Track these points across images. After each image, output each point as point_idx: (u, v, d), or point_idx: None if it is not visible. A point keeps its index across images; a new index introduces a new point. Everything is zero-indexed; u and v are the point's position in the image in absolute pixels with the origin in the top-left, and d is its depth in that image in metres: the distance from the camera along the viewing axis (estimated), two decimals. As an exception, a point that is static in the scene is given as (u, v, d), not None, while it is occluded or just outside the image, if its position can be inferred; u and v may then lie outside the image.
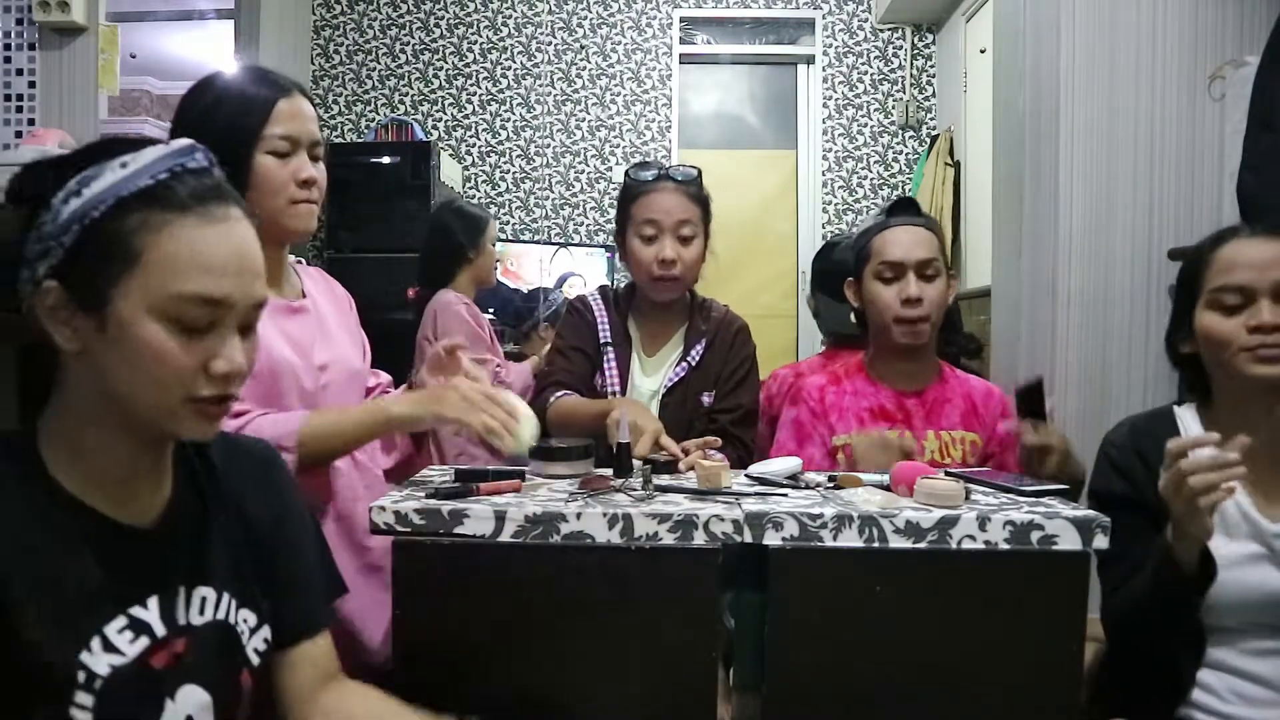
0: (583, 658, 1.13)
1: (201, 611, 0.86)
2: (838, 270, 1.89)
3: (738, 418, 1.75)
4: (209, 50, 3.83)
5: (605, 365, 1.75)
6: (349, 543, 1.37)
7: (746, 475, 1.34)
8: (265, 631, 0.92)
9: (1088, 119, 1.97)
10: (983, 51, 3.84)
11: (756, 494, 1.20)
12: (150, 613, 0.82)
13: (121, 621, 0.79)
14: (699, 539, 1.12)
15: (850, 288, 1.73)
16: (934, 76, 4.61)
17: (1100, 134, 1.97)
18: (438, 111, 4.64)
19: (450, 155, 4.50)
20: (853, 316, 1.78)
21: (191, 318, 0.78)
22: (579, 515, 1.12)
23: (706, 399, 1.75)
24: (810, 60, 4.74)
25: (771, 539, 1.11)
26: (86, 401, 0.81)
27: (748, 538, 1.11)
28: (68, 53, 2.77)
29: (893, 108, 4.64)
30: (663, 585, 1.12)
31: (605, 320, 1.80)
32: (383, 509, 1.13)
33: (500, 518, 1.12)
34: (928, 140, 4.53)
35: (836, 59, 4.66)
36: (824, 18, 4.66)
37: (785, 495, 1.21)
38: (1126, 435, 1.37)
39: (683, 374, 1.75)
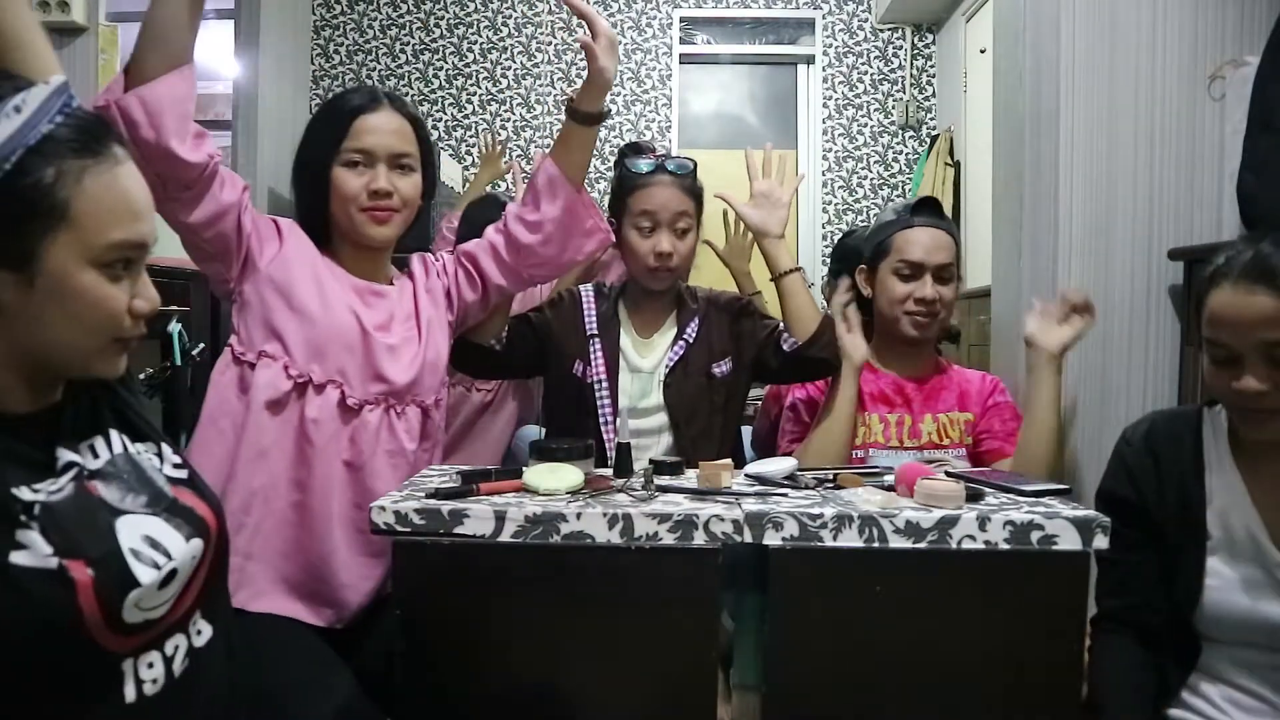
0: (583, 658, 1.13)
1: (96, 456, 0.87)
2: (857, 258, 1.92)
3: (780, 334, 1.75)
4: (209, 50, 3.83)
5: (591, 355, 1.74)
6: (353, 493, 1.39)
7: (746, 475, 1.35)
8: (174, 458, 0.95)
9: (1088, 119, 1.97)
10: (983, 51, 3.84)
11: (756, 494, 1.21)
12: (77, 455, 0.85)
13: (50, 478, 0.81)
14: (699, 539, 1.12)
15: (862, 274, 1.80)
16: (934, 76, 4.61)
17: (1100, 134, 1.97)
18: (438, 111, 4.64)
19: (450, 155, 4.50)
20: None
21: (121, 262, 0.82)
22: (579, 515, 1.12)
23: (719, 369, 1.75)
24: (810, 60, 4.74)
25: (771, 539, 1.11)
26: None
27: (748, 538, 1.11)
28: (68, 53, 2.77)
29: (893, 108, 4.64)
30: (663, 585, 1.12)
31: (593, 312, 1.79)
32: (383, 509, 1.13)
33: (500, 518, 1.12)
34: (928, 140, 4.53)
35: (836, 59, 4.66)
36: (824, 18, 4.66)
37: (785, 495, 1.21)
38: (1144, 435, 1.32)
39: (681, 352, 1.76)
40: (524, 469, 1.26)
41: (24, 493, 0.78)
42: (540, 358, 1.77)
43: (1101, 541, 1.11)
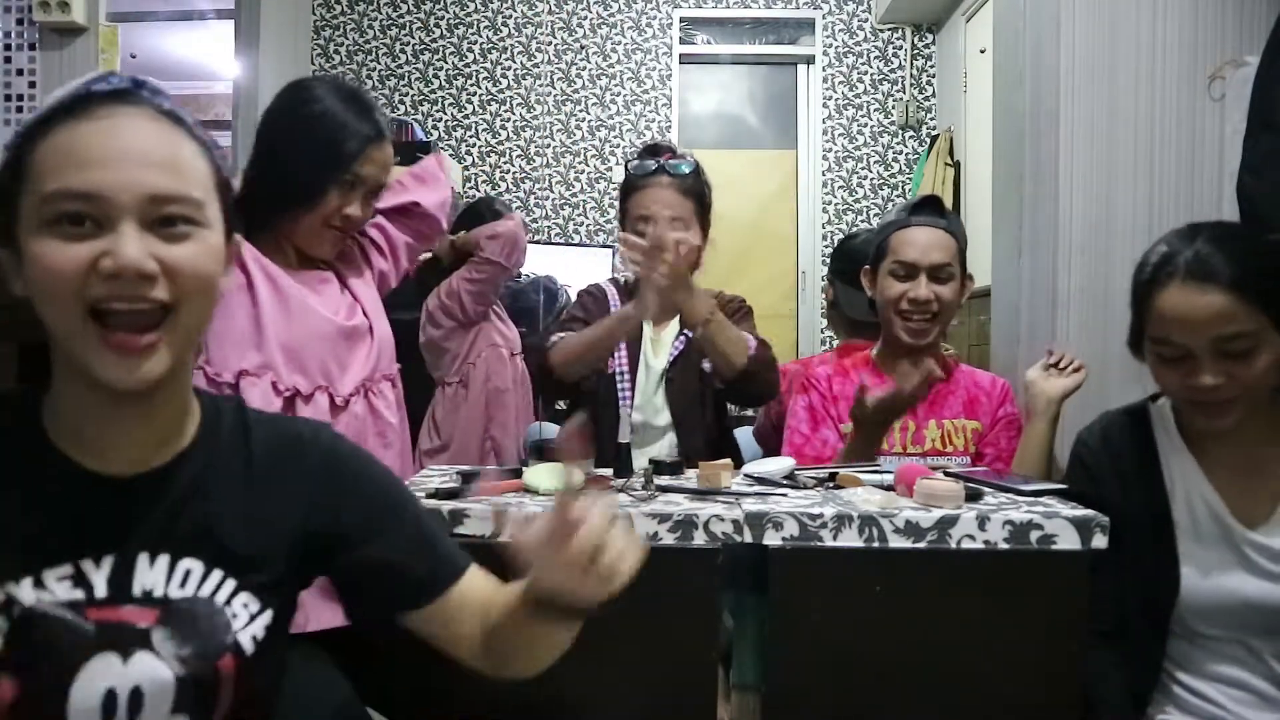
0: (582, 657, 1.13)
1: (183, 585, 0.78)
2: (857, 260, 1.92)
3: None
4: (209, 50, 3.83)
5: (615, 349, 1.77)
6: None
7: (745, 475, 1.35)
8: (268, 618, 0.82)
9: (1088, 119, 1.97)
10: (983, 51, 3.84)
11: (756, 494, 1.21)
12: (99, 572, 0.75)
13: (66, 570, 0.74)
14: (699, 539, 1.12)
15: (866, 275, 1.78)
16: (934, 76, 4.61)
17: (1100, 134, 1.97)
18: (438, 111, 4.64)
19: (450, 155, 4.50)
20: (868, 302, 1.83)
21: (69, 218, 0.71)
22: (579, 515, 1.12)
23: (708, 365, 1.76)
24: (810, 60, 4.74)
25: (771, 539, 1.11)
26: (55, 351, 0.77)
27: (748, 538, 1.11)
28: (68, 53, 2.77)
29: (893, 108, 4.64)
30: (663, 585, 1.12)
31: (616, 304, 1.82)
32: (383, 509, 1.13)
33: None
34: (928, 140, 4.53)
35: (836, 59, 4.66)
36: (824, 18, 4.66)
37: (785, 495, 1.21)
38: (1099, 434, 1.35)
39: (682, 347, 1.79)
40: (524, 469, 1.26)
41: (23, 590, 0.72)
42: None
43: (1101, 541, 1.11)
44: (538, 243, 4.39)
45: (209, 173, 0.79)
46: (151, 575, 0.77)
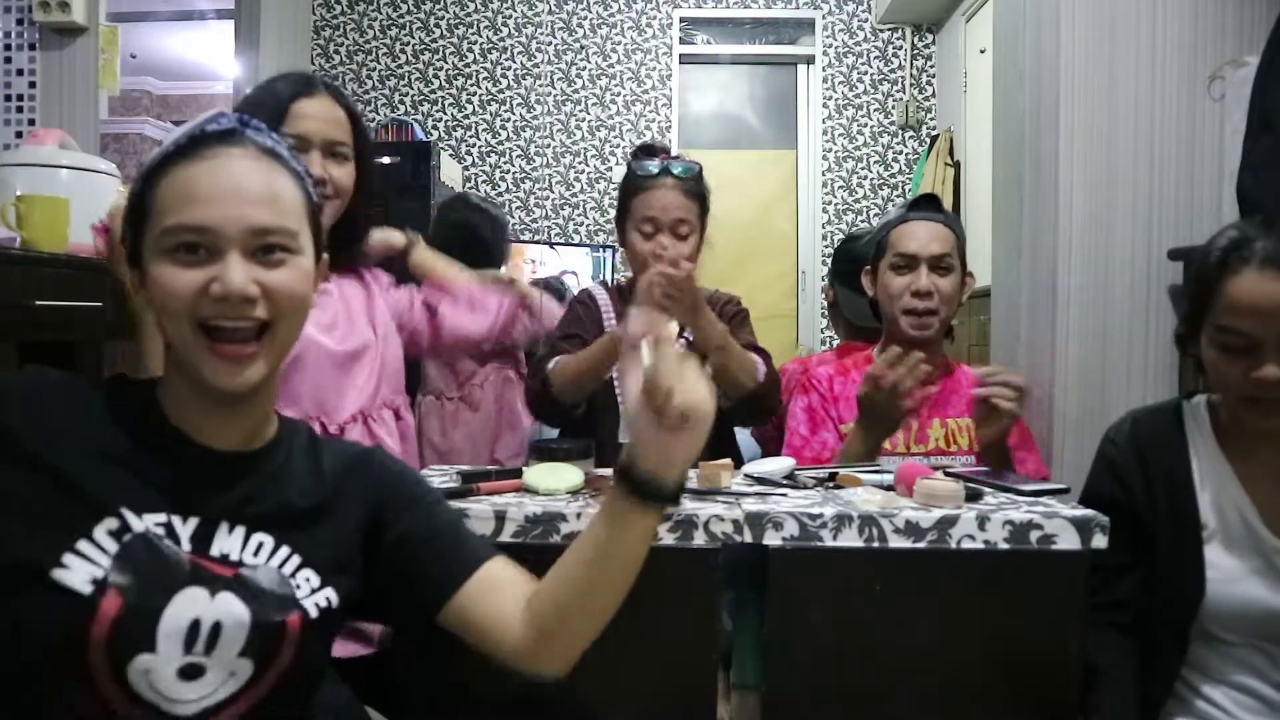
0: (582, 658, 1.13)
1: (256, 554, 0.88)
2: (857, 262, 1.91)
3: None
4: (209, 50, 3.83)
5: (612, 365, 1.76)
6: None
7: (745, 475, 1.34)
8: (329, 594, 0.90)
9: (1088, 119, 1.97)
10: (983, 51, 3.84)
11: (756, 494, 1.20)
12: (184, 528, 0.85)
13: (160, 518, 0.84)
14: (699, 539, 1.12)
15: (866, 276, 1.78)
16: (934, 76, 4.61)
17: (1100, 134, 1.97)
18: (438, 111, 4.64)
19: (450, 155, 4.50)
20: (869, 305, 1.82)
21: (186, 248, 0.84)
22: (579, 515, 1.12)
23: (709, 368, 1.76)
24: (810, 60, 4.74)
25: (771, 539, 1.11)
26: (169, 353, 0.89)
27: (748, 538, 1.11)
28: (68, 53, 2.77)
29: (893, 108, 4.65)
30: (663, 585, 1.12)
31: (611, 311, 1.81)
32: (383, 509, 1.13)
33: (500, 518, 1.12)
34: (928, 140, 4.53)
35: (836, 59, 4.66)
36: (824, 18, 4.66)
37: (785, 495, 1.21)
38: (1128, 434, 1.31)
39: (681, 349, 1.77)
40: (524, 469, 1.26)
41: (132, 519, 0.82)
42: None
43: (1100, 541, 1.11)
44: (538, 243, 4.39)
45: (302, 201, 0.91)
46: (229, 541, 0.87)
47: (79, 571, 0.77)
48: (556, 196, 4.66)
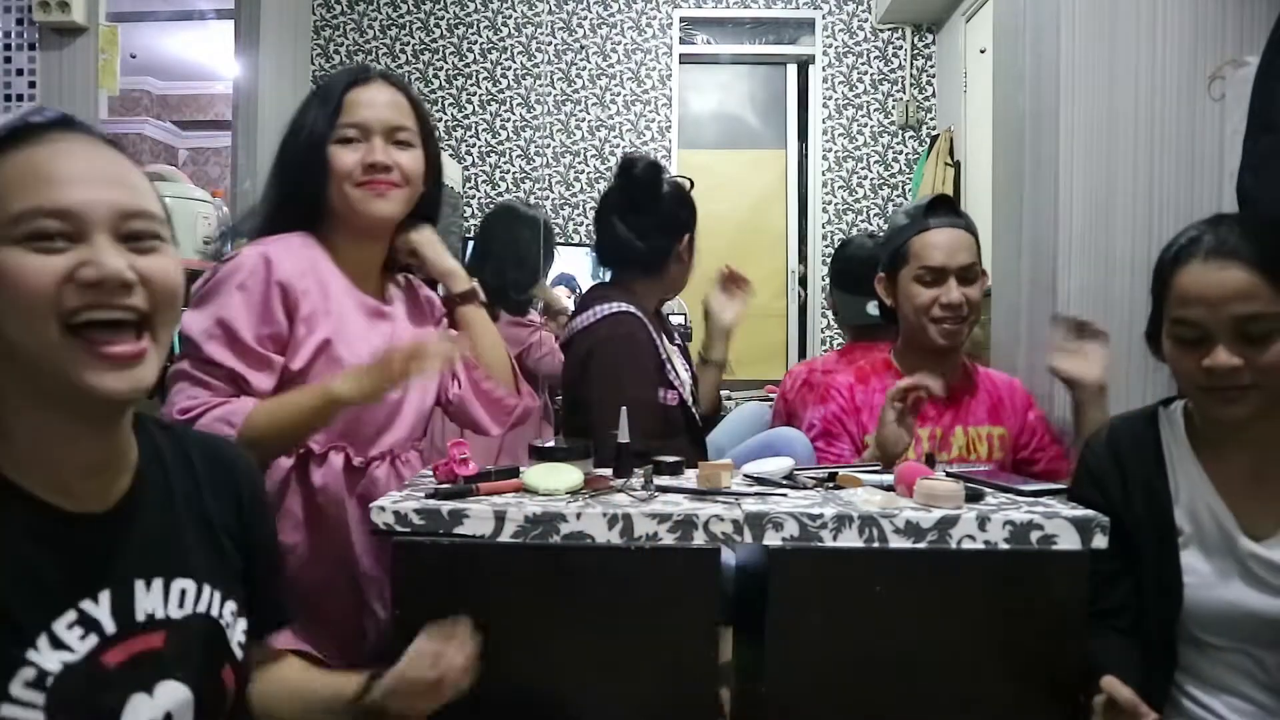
0: (583, 658, 1.13)
1: (181, 604, 0.82)
2: (854, 266, 1.90)
3: None
4: (209, 50, 3.84)
5: (673, 379, 1.83)
6: (377, 552, 1.33)
7: (745, 475, 1.34)
8: (244, 624, 0.90)
9: (1088, 119, 1.97)
10: (983, 51, 3.84)
11: (756, 494, 1.20)
12: (100, 608, 0.77)
13: (71, 616, 0.75)
14: (699, 539, 1.12)
15: (881, 283, 1.75)
16: (934, 76, 4.61)
17: (1100, 134, 1.97)
18: (438, 111, 4.63)
19: (450, 155, 4.50)
20: (870, 308, 1.80)
21: (43, 235, 0.73)
22: (579, 515, 1.12)
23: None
24: (807, 60, 4.74)
25: (771, 539, 1.11)
26: (7, 377, 0.76)
27: (748, 538, 1.11)
28: (68, 53, 2.77)
29: (893, 108, 4.64)
30: (663, 585, 1.12)
31: (657, 339, 1.86)
32: (382, 509, 1.13)
33: (500, 518, 1.12)
34: (928, 140, 4.53)
35: (836, 59, 4.66)
36: (824, 18, 4.66)
37: (785, 495, 1.21)
38: (1105, 441, 1.32)
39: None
40: (523, 469, 1.26)
41: (46, 658, 0.73)
42: None
43: (1101, 541, 1.11)
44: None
45: (158, 197, 0.82)
46: (150, 600, 0.81)
47: None
48: (556, 196, 4.66)
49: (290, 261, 1.29)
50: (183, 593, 0.83)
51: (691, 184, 1.82)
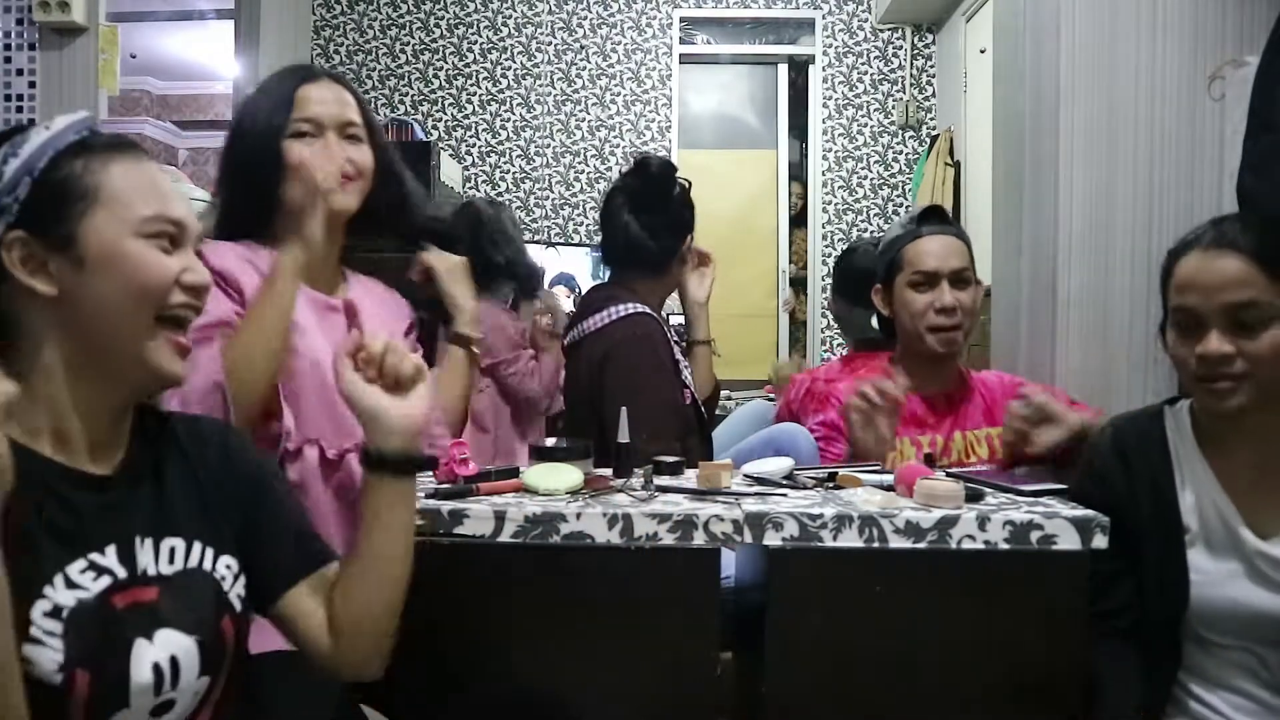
0: (583, 658, 1.13)
1: (171, 560, 0.89)
2: (857, 275, 1.90)
3: None
4: (209, 50, 3.83)
5: (686, 379, 1.85)
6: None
7: (745, 475, 1.34)
8: (244, 580, 0.94)
9: (1088, 119, 1.97)
10: (983, 51, 3.84)
11: (756, 494, 1.20)
12: (108, 559, 0.85)
13: (82, 564, 0.83)
14: (699, 539, 1.12)
15: (878, 294, 1.76)
16: (934, 76, 4.61)
17: (1100, 134, 1.97)
18: (438, 111, 4.63)
19: (450, 155, 4.50)
20: (874, 321, 1.81)
21: (162, 237, 0.87)
22: (579, 515, 1.12)
23: None
24: (810, 60, 4.74)
25: (771, 539, 1.11)
26: (57, 355, 0.85)
27: (748, 538, 1.11)
28: (68, 53, 2.77)
29: (893, 108, 4.64)
30: (663, 585, 1.12)
31: (670, 336, 1.88)
32: (382, 509, 1.13)
33: (500, 518, 1.12)
34: (928, 140, 4.53)
35: (836, 59, 4.66)
36: (824, 18, 4.66)
37: (785, 495, 1.21)
38: (1110, 439, 1.31)
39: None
40: (523, 469, 1.26)
41: (60, 593, 0.80)
42: None
43: (1101, 541, 1.11)
44: (537, 243, 4.38)
45: None
46: (144, 556, 0.88)
47: (42, 662, 0.77)
48: (556, 196, 4.66)
49: (230, 256, 1.32)
50: (172, 550, 0.89)
51: (689, 185, 1.83)
